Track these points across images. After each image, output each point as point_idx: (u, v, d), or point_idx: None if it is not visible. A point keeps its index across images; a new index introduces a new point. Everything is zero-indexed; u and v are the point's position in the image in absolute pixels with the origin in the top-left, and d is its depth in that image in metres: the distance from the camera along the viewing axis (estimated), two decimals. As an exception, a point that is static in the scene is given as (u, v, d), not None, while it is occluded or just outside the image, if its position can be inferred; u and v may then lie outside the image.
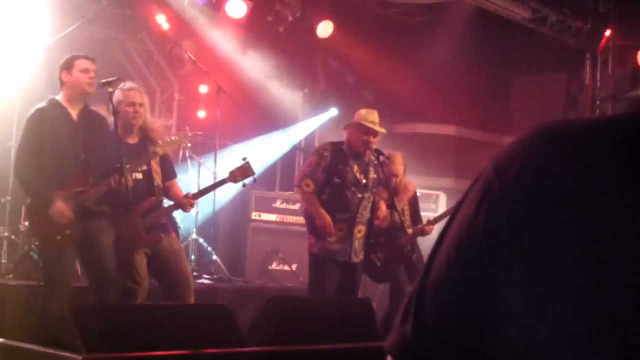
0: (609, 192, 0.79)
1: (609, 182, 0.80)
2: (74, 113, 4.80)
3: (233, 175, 5.33)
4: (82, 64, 4.77)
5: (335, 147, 5.73)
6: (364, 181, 5.65)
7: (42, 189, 4.67)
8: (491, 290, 0.83)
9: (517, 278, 0.81)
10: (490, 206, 0.85)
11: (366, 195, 5.67)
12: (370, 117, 5.67)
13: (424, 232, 6.38)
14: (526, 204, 0.82)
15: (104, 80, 4.77)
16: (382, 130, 5.71)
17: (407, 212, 6.49)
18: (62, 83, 4.81)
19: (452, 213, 0.92)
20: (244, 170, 5.33)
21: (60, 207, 4.62)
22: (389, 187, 5.85)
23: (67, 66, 4.78)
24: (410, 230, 6.39)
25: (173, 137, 5.22)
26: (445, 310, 0.87)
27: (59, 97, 4.82)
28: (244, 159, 5.39)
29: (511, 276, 0.82)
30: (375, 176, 5.75)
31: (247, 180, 5.40)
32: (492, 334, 0.83)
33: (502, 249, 0.83)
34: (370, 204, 5.72)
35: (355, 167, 5.66)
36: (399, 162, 6.32)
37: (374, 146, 5.63)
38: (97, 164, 4.77)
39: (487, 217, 0.84)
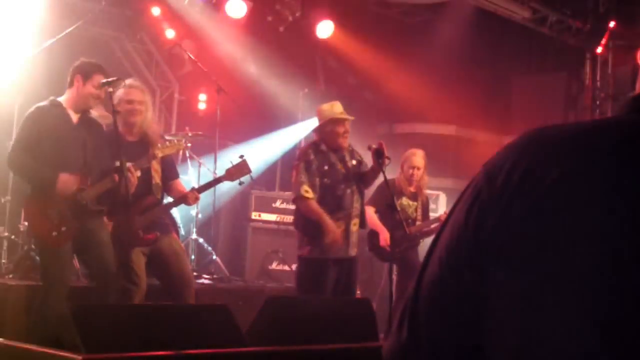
0: (593, 194, 0.82)
1: (593, 185, 0.82)
2: (74, 117, 4.81)
3: (229, 173, 5.31)
4: (99, 79, 4.76)
5: (316, 148, 5.70)
6: (346, 173, 5.67)
7: (40, 169, 4.65)
8: (483, 292, 0.85)
9: (509, 279, 0.83)
10: (479, 212, 0.87)
11: (353, 187, 5.68)
12: (337, 108, 5.68)
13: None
14: (514, 207, 0.84)
15: (103, 81, 4.77)
16: (349, 116, 5.70)
17: (419, 209, 6.67)
18: (71, 84, 4.81)
19: (445, 218, 0.94)
20: (239, 168, 5.30)
21: (66, 177, 4.61)
22: (387, 185, 5.82)
23: (85, 74, 4.77)
24: (419, 224, 6.60)
25: (173, 140, 5.22)
26: (439, 314, 0.88)
27: (62, 98, 4.82)
28: (241, 156, 5.37)
29: (502, 278, 0.84)
30: (354, 162, 5.74)
31: (243, 179, 5.38)
32: (486, 335, 0.84)
33: (491, 252, 0.85)
34: (358, 194, 5.73)
35: (339, 164, 5.67)
36: (420, 156, 6.72)
37: (374, 145, 5.61)
38: (96, 164, 4.77)
39: (477, 223, 0.87)
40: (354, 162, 5.74)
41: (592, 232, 0.80)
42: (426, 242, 6.78)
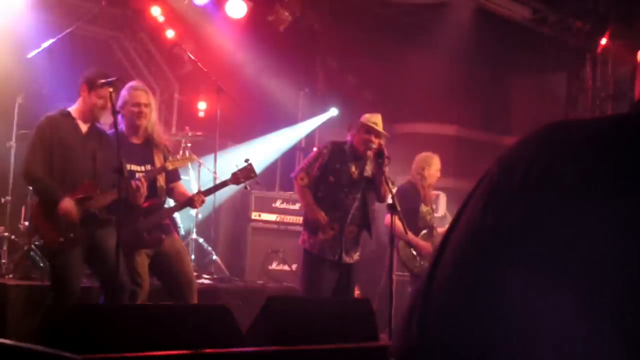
0: (616, 190, 0.80)
1: (615, 181, 0.81)
2: (83, 127, 4.83)
3: (235, 177, 5.34)
4: (103, 92, 4.74)
5: (337, 146, 5.75)
6: (356, 180, 5.67)
7: (52, 187, 4.68)
8: (498, 290, 0.83)
9: (525, 278, 0.81)
10: (498, 208, 0.85)
11: (357, 195, 5.68)
12: (373, 119, 5.74)
13: None
14: (534, 204, 0.82)
15: (103, 81, 4.77)
16: (384, 132, 5.72)
17: (431, 212, 6.84)
18: (79, 94, 4.85)
19: (456, 215, 0.92)
20: (246, 172, 5.35)
21: (68, 205, 4.64)
22: (388, 185, 5.82)
23: (90, 85, 4.78)
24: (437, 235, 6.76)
25: (186, 154, 5.26)
26: (452, 312, 0.86)
27: (72, 108, 4.86)
28: (247, 160, 5.39)
29: (519, 276, 0.82)
30: (369, 174, 5.74)
31: (248, 182, 5.42)
32: (498, 333, 0.83)
33: (510, 250, 0.83)
34: (361, 203, 5.72)
35: (353, 168, 5.68)
36: (438, 163, 6.87)
37: (374, 145, 5.61)
38: (105, 174, 4.78)
39: (495, 218, 0.85)
40: (369, 174, 5.76)
41: (623, 224, 0.78)
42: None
